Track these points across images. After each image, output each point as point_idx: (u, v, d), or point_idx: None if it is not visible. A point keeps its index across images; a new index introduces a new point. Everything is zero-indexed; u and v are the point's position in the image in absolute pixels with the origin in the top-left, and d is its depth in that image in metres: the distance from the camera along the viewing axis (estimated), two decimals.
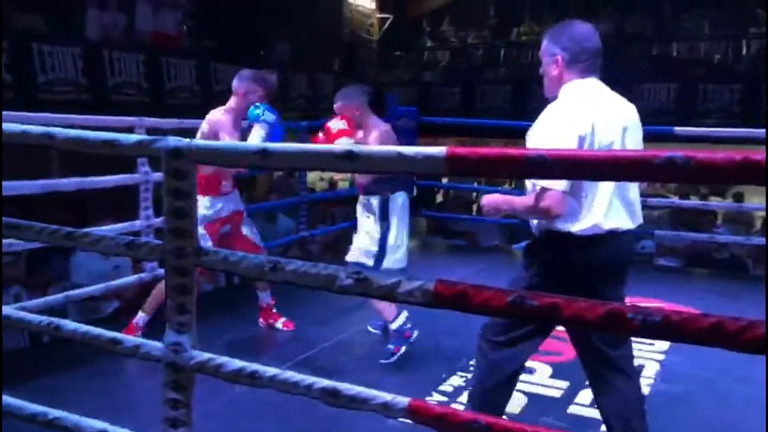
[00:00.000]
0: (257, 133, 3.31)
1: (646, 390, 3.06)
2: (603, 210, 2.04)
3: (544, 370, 3.23)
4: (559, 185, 1.97)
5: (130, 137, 1.62)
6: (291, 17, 11.06)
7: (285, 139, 3.54)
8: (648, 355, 3.45)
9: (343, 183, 10.49)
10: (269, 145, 1.45)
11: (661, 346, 3.52)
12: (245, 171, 3.92)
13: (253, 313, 3.92)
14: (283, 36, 11.01)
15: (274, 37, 10.89)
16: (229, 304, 4.28)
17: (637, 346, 3.48)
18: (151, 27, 8.62)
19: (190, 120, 4.04)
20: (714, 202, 7.82)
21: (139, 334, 3.42)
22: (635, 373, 2.24)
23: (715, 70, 11.00)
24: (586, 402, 2.91)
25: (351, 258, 3.46)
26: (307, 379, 1.45)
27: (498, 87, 11.55)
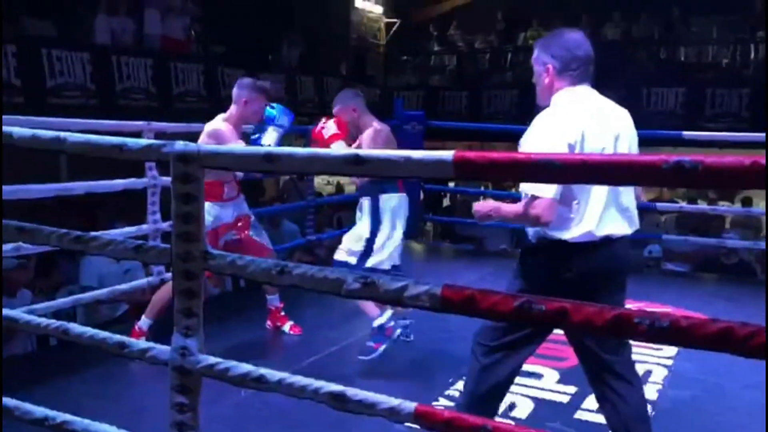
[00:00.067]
0: (270, 136, 3.31)
1: (654, 395, 3.05)
2: (596, 217, 2.05)
3: (551, 376, 3.22)
4: (548, 193, 1.98)
5: (139, 142, 1.63)
6: (299, 22, 11.10)
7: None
8: (656, 360, 3.43)
9: (350, 187, 10.50)
10: (276, 150, 1.45)
11: (670, 352, 3.51)
12: (242, 175, 3.91)
13: (259, 316, 3.92)
14: (291, 41, 11.04)
15: (282, 41, 10.93)
16: (236, 307, 4.29)
17: (645, 351, 3.50)
18: (160, 32, 8.66)
19: (198, 124, 4.04)
20: (722, 207, 7.79)
21: (142, 339, 3.43)
22: (637, 379, 2.23)
23: (723, 74, 10.97)
24: (593, 408, 2.89)
25: (337, 257, 3.49)
26: (314, 383, 1.44)
27: (505, 91, 11.56)
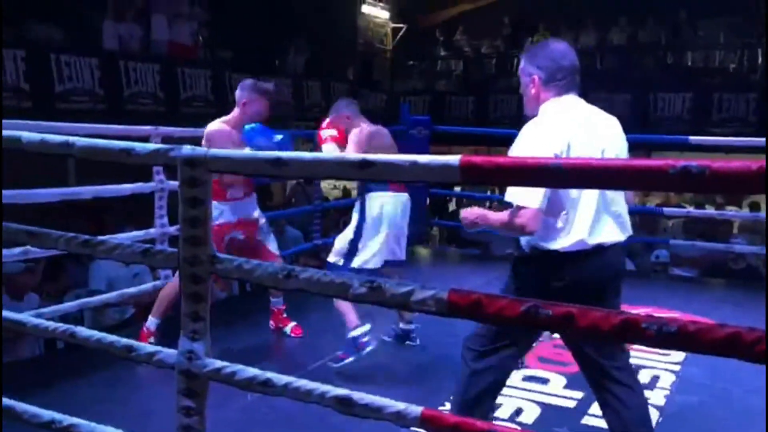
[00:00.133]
0: None
1: (661, 401, 3.04)
2: (588, 225, 2.06)
3: (558, 381, 3.21)
4: (533, 203, 2.00)
5: (147, 146, 1.64)
6: (306, 27, 11.13)
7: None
8: (664, 366, 3.41)
9: (356, 192, 10.49)
10: (284, 154, 1.45)
11: (677, 357, 3.49)
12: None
13: (266, 320, 3.93)
14: (298, 46, 11.08)
15: (289, 46, 10.96)
16: (242, 311, 4.29)
17: (653, 356, 3.48)
18: (167, 37, 8.70)
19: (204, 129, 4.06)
20: (730, 212, 7.75)
21: (151, 339, 3.44)
22: (637, 383, 2.23)
23: (730, 79, 10.95)
24: (600, 413, 2.87)
25: (329, 259, 3.53)
26: (321, 387, 1.45)
27: (511, 96, 11.55)
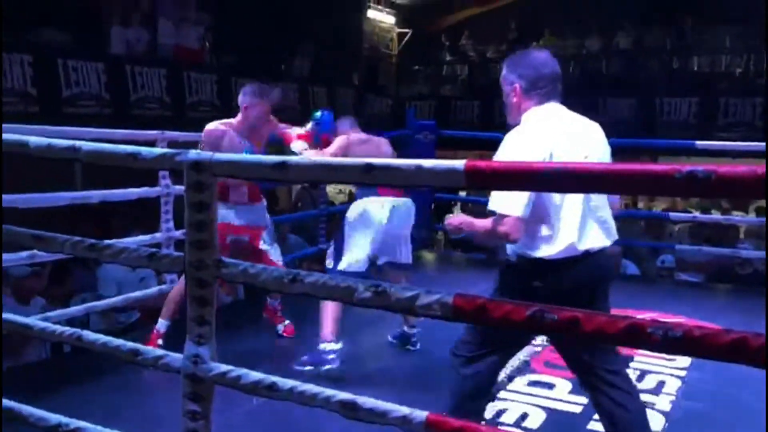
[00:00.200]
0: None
1: (667, 406, 3.03)
2: (575, 231, 2.07)
3: (563, 386, 3.20)
4: (515, 211, 2.01)
5: (153, 150, 1.65)
6: (311, 32, 11.15)
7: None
8: (669, 371, 3.40)
9: None
10: (287, 158, 1.46)
11: (683, 362, 3.48)
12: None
13: (271, 325, 3.94)
14: (304, 51, 11.10)
15: (295, 52, 10.99)
16: (248, 316, 4.29)
17: (659, 361, 3.47)
18: (174, 42, 8.74)
19: None
20: (736, 217, 7.74)
21: (159, 341, 3.46)
22: (634, 389, 2.24)
23: (736, 83, 10.92)
24: None
25: (326, 262, 3.56)
26: (326, 391, 1.45)
27: None
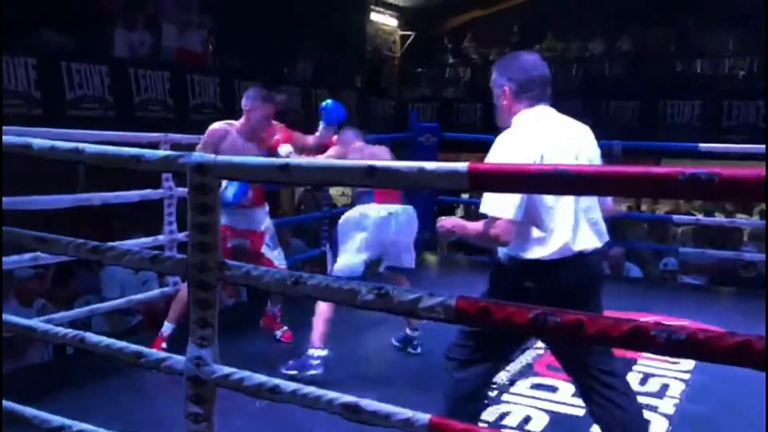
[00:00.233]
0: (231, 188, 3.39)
1: (671, 409, 3.02)
2: (569, 232, 2.08)
3: (566, 389, 3.19)
4: (507, 214, 2.01)
5: (156, 153, 1.65)
6: (314, 35, 11.16)
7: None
8: (673, 375, 3.39)
9: None
10: (291, 161, 1.46)
11: (687, 366, 3.47)
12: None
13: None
14: (307, 53, 11.11)
15: (298, 54, 11.00)
16: (250, 318, 4.29)
17: (662, 364, 3.46)
18: (177, 45, 8.75)
19: None
20: (740, 219, 7.72)
21: (163, 345, 3.47)
22: (631, 390, 2.24)
23: (739, 86, 10.91)
24: None
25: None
26: (328, 394, 1.44)
27: None
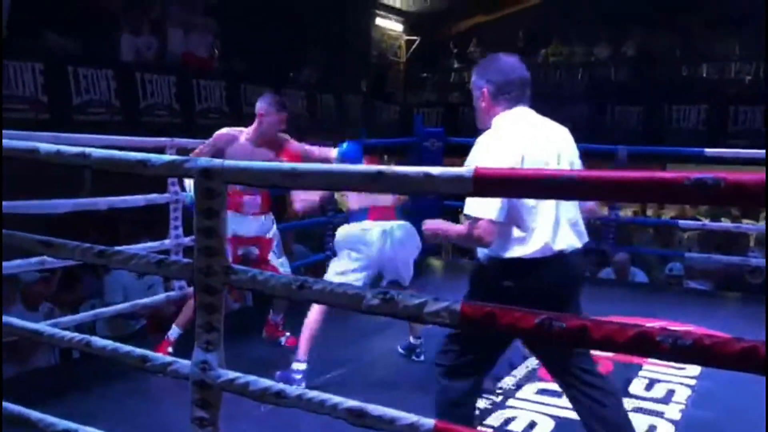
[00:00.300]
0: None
1: (677, 415, 3.01)
2: (549, 231, 2.09)
3: None
4: (489, 214, 2.03)
5: (162, 158, 1.65)
6: (320, 40, 11.19)
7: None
8: (679, 380, 3.38)
9: None
10: (297, 165, 1.46)
11: (693, 371, 3.45)
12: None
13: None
14: (312, 58, 11.14)
15: (303, 59, 11.02)
16: (256, 322, 4.29)
17: (668, 370, 3.45)
18: (183, 50, 8.78)
19: None
20: (746, 225, 7.69)
21: (169, 349, 3.47)
22: (611, 386, 2.26)
23: (745, 91, 10.88)
24: None
25: None
26: (333, 398, 1.44)
27: None
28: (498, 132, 2.18)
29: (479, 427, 2.81)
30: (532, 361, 3.56)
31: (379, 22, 13.42)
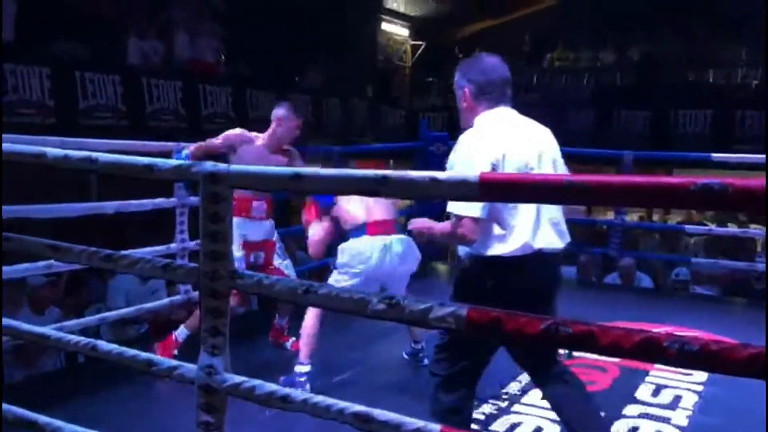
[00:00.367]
0: None
1: (684, 421, 2.99)
2: (530, 230, 2.11)
3: None
4: (473, 212, 2.05)
5: (169, 162, 1.66)
6: (325, 44, 11.21)
7: None
8: (686, 386, 3.36)
9: None
10: (303, 170, 1.46)
11: (700, 377, 3.44)
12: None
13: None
14: (318, 63, 11.16)
15: (309, 63, 11.04)
16: (261, 327, 4.30)
17: (675, 376, 3.43)
18: (189, 55, 8.81)
19: None
20: (753, 230, 7.65)
21: (175, 351, 3.48)
22: (580, 382, 2.30)
23: (752, 96, 10.85)
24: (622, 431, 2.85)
25: None
26: (339, 403, 1.44)
27: (528, 112, 11.54)
28: (479, 131, 2.20)
29: None
30: None
31: (384, 26, 13.45)
